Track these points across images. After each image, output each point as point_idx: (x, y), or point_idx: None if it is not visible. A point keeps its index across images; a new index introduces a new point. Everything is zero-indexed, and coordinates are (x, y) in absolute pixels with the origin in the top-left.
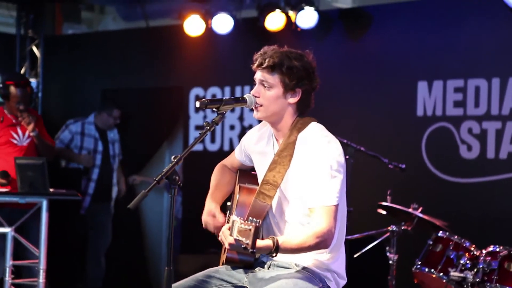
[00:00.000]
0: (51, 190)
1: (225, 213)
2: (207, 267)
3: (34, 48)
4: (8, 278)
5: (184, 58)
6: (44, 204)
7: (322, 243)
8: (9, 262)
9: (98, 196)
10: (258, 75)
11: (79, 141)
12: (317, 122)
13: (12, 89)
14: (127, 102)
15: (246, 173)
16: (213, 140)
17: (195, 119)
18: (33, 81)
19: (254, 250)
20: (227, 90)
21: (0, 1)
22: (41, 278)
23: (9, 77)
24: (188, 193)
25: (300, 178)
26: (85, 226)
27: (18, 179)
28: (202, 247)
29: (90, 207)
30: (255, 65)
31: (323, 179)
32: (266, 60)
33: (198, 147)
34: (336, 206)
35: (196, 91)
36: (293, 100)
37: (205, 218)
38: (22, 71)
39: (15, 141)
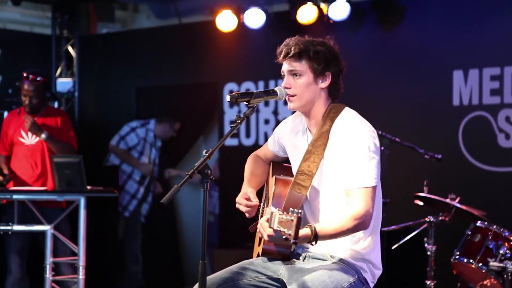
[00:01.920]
0: (88, 187)
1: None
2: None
3: (70, 48)
4: (48, 275)
5: (217, 53)
6: (82, 201)
7: (361, 225)
8: (49, 259)
9: (142, 200)
10: (286, 67)
11: (142, 147)
12: (349, 108)
13: (23, 82)
14: (162, 99)
15: (280, 165)
16: (248, 134)
17: (230, 114)
18: (69, 80)
19: (297, 241)
20: (261, 84)
21: (35, 3)
22: (81, 275)
23: (27, 70)
24: (224, 188)
25: (336, 165)
26: (123, 226)
27: (56, 178)
28: (239, 241)
29: (134, 210)
30: (281, 56)
31: (362, 160)
32: (292, 49)
33: (234, 142)
34: (374, 187)
35: (230, 86)
36: (324, 84)
37: (239, 199)
38: (58, 72)
39: (22, 140)
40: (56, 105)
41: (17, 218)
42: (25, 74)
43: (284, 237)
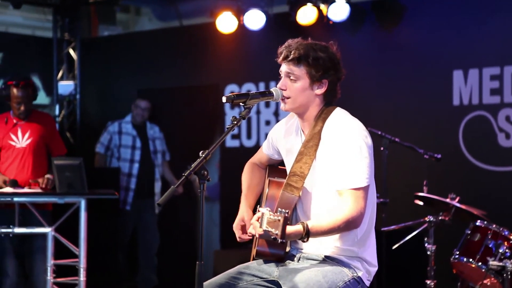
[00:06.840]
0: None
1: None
2: (246, 262)
3: (71, 51)
4: (49, 277)
5: (218, 55)
6: (83, 204)
7: (352, 224)
8: (50, 262)
9: (141, 191)
10: (284, 68)
11: (117, 140)
12: (341, 108)
13: (13, 89)
14: (163, 101)
15: (275, 168)
16: (249, 136)
17: (231, 115)
18: (70, 83)
19: (284, 240)
20: (262, 85)
21: (37, 6)
22: (82, 277)
23: (11, 78)
24: (225, 189)
25: (328, 165)
26: (131, 223)
27: (56, 180)
28: (240, 242)
29: (134, 203)
30: (281, 58)
31: (353, 160)
32: (292, 52)
33: (235, 143)
34: (366, 188)
35: (231, 87)
36: (319, 91)
37: (236, 226)
38: (60, 74)
39: (13, 143)
40: (57, 108)
41: (17, 220)
42: (14, 82)
43: (272, 237)
